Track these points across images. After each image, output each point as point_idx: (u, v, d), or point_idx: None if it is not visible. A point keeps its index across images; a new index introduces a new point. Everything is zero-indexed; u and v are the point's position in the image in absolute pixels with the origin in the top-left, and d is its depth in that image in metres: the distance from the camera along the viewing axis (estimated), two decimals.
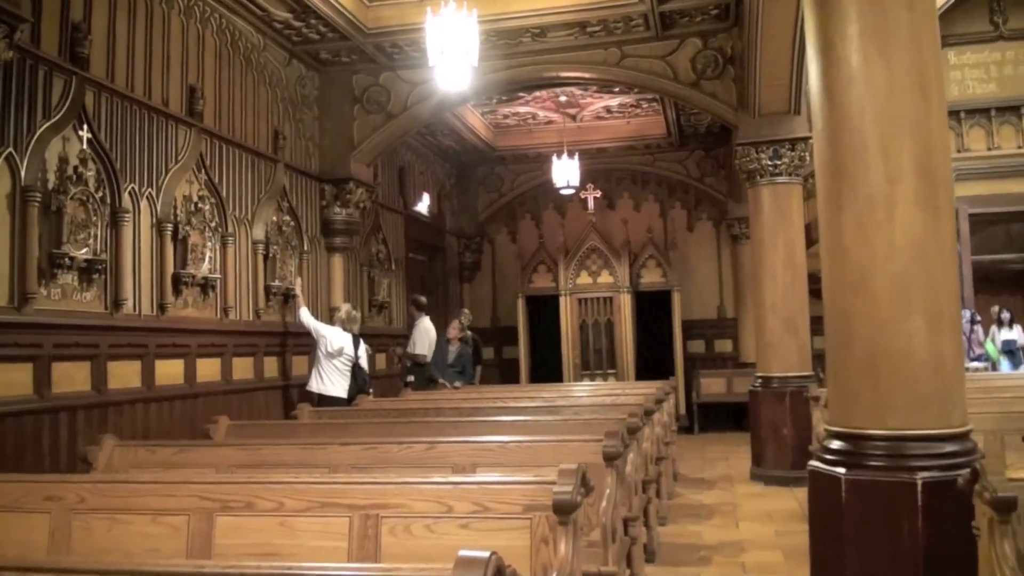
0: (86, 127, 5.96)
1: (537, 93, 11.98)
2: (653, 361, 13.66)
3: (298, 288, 8.69)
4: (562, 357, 13.65)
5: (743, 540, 6.36)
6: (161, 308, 6.79)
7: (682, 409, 12.95)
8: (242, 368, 7.95)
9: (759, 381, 8.91)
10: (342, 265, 9.99)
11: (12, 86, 5.38)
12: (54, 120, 5.69)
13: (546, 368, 13.93)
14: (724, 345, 14.46)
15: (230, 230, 7.78)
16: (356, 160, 9.82)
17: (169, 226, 6.89)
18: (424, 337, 10.76)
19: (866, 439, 3.62)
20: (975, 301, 12.47)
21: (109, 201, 6.19)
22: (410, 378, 10.66)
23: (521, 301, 14.19)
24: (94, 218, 5.94)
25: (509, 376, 14.33)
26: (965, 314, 11.30)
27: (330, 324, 8.71)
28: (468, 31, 6.36)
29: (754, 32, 7.75)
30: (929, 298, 3.59)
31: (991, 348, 12.70)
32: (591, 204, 14.10)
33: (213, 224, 7.50)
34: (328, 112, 9.80)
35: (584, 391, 9.08)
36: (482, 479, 3.14)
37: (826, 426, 3.96)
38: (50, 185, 5.62)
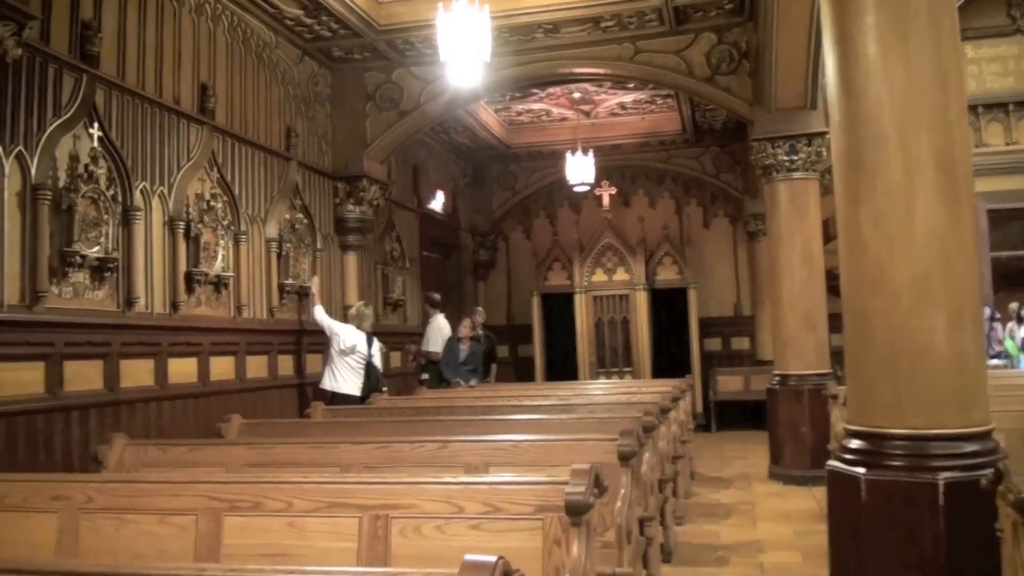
0: (97, 125, 5.94)
1: (551, 90, 11.91)
2: (670, 359, 13.57)
3: (315, 287, 8.66)
4: (577, 355, 13.60)
5: (761, 540, 6.29)
6: (174, 306, 6.77)
7: (699, 407, 12.88)
8: (256, 366, 7.93)
9: (777, 379, 8.83)
10: (356, 263, 9.96)
11: (22, 84, 5.36)
12: (64, 118, 5.67)
13: (561, 366, 13.86)
14: (741, 343, 14.35)
15: (243, 228, 7.75)
16: (369, 158, 9.79)
17: (181, 224, 6.87)
18: (438, 335, 10.75)
19: (886, 438, 3.54)
20: (994, 298, 12.32)
21: (121, 199, 6.17)
22: (425, 376, 10.64)
23: (536, 299, 14.13)
24: (105, 216, 5.92)
25: (524, 374, 14.29)
26: (984, 311, 11.18)
27: (344, 322, 8.68)
28: (480, 27, 6.31)
29: (769, 25, 7.66)
30: (950, 294, 3.51)
31: (1011, 345, 12.55)
32: (606, 201, 14.03)
33: (226, 222, 7.48)
34: (341, 109, 9.77)
35: (599, 389, 9.02)
36: (493, 479, 3.09)
37: (845, 425, 3.89)
38: (61, 183, 5.60)
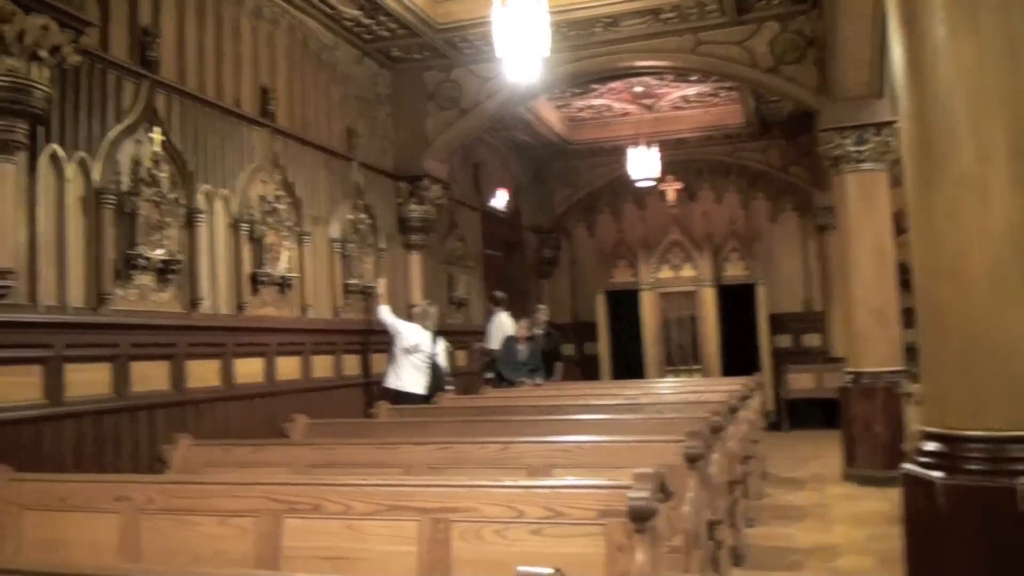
0: (158, 129, 6.00)
1: (612, 84, 11.76)
2: (739, 356, 13.32)
3: (381, 287, 8.67)
4: (644, 353, 13.43)
5: (836, 544, 6.09)
6: (239, 307, 6.83)
7: (770, 405, 12.61)
8: (322, 366, 7.97)
9: (850, 377, 8.57)
10: (420, 262, 9.97)
11: (82, 91, 5.44)
12: (126, 124, 5.75)
13: (628, 364, 13.70)
14: (812, 339, 13.98)
15: (306, 229, 7.79)
16: (430, 157, 9.78)
17: (245, 226, 6.92)
18: (500, 332, 10.72)
19: (962, 440, 3.34)
20: None
21: (184, 202, 6.23)
22: (489, 375, 10.60)
23: (601, 296, 14.02)
24: (169, 219, 5.98)
25: (590, 373, 14.15)
26: None
27: (409, 321, 8.68)
28: (538, 22, 6.22)
29: (834, 11, 7.44)
30: None
31: None
32: (671, 196, 13.82)
33: (289, 223, 7.52)
34: (401, 109, 9.78)
35: (667, 388, 8.88)
36: (554, 483, 3.01)
37: (920, 426, 3.70)
38: (124, 187, 5.66)
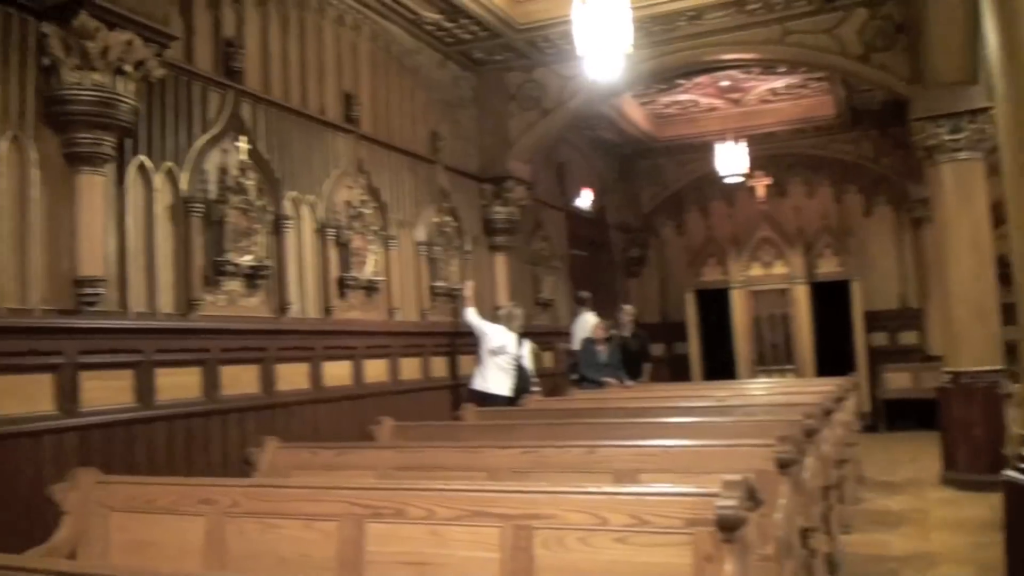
0: (244, 138, 6.11)
1: (697, 79, 11.56)
2: (833, 356, 12.93)
3: (468, 290, 8.68)
4: (736, 353, 13.17)
5: (934, 552, 5.85)
6: (327, 311, 6.92)
7: (866, 406, 12.19)
8: (409, 368, 8.02)
9: (948, 376, 8.23)
10: (505, 263, 9.96)
11: (168, 102, 5.57)
12: (212, 133, 5.87)
13: (719, 364, 13.46)
14: (908, 337, 13.45)
15: (392, 233, 7.85)
16: (514, 158, 9.76)
17: (332, 231, 7.01)
18: (584, 333, 10.59)
19: None
20: None
21: (271, 209, 6.33)
22: (575, 376, 10.50)
23: (690, 295, 13.82)
24: (256, 226, 6.08)
25: (680, 373, 13.93)
26: None
27: (495, 323, 8.67)
28: (619, 19, 6.12)
29: None
30: None
31: None
32: (760, 192, 13.50)
33: (375, 228, 7.58)
34: (484, 111, 9.79)
35: (759, 389, 8.66)
36: (639, 490, 2.92)
37: (1020, 430, 3.49)
38: (211, 196, 5.78)
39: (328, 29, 7.32)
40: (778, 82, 12.01)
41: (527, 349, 8.83)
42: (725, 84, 11.95)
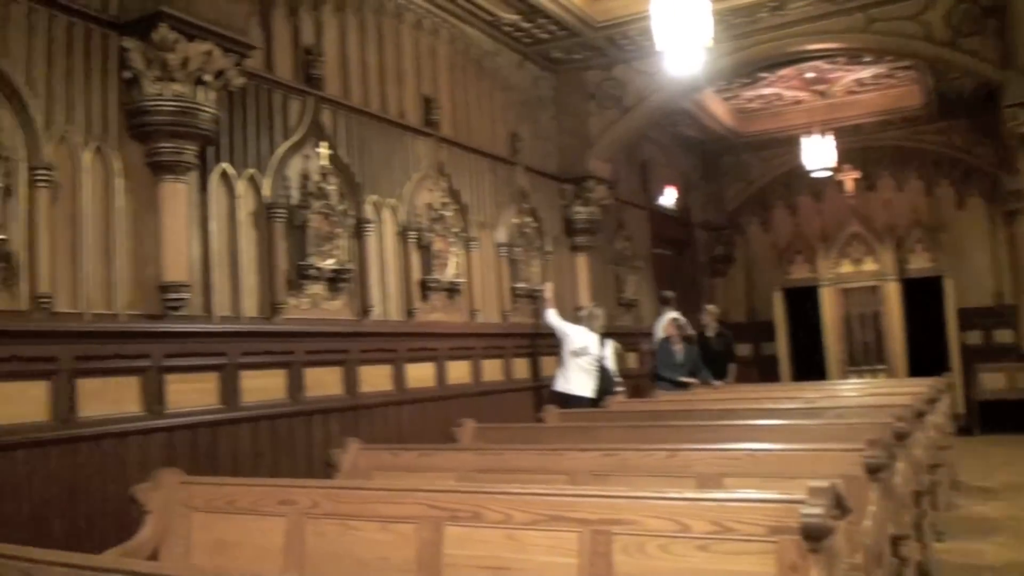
0: (325, 144, 6.19)
1: (781, 72, 11.28)
2: (926, 355, 12.48)
3: (549, 291, 8.65)
4: (825, 352, 12.83)
5: None
6: (409, 313, 6.96)
7: (960, 408, 11.73)
8: (491, 370, 8.02)
9: None
10: (587, 264, 9.89)
11: (248, 111, 5.67)
12: (293, 140, 5.96)
13: (808, 364, 13.13)
14: (1004, 335, 12.81)
15: (473, 234, 7.87)
16: (594, 157, 9.68)
17: (413, 234, 7.05)
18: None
19: None
20: None
21: (352, 213, 6.40)
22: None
23: (778, 294, 13.52)
24: (338, 230, 6.15)
25: (768, 374, 13.63)
26: None
27: (576, 324, 8.61)
28: (699, 12, 6.00)
29: None
30: None
31: None
32: (848, 186, 13.12)
33: (456, 230, 7.60)
34: (563, 110, 9.73)
35: (849, 390, 8.42)
36: (721, 496, 2.83)
37: None
38: (293, 201, 5.87)
39: (406, 34, 7.37)
40: (864, 72, 11.65)
41: (610, 349, 8.74)
42: (810, 76, 11.64)
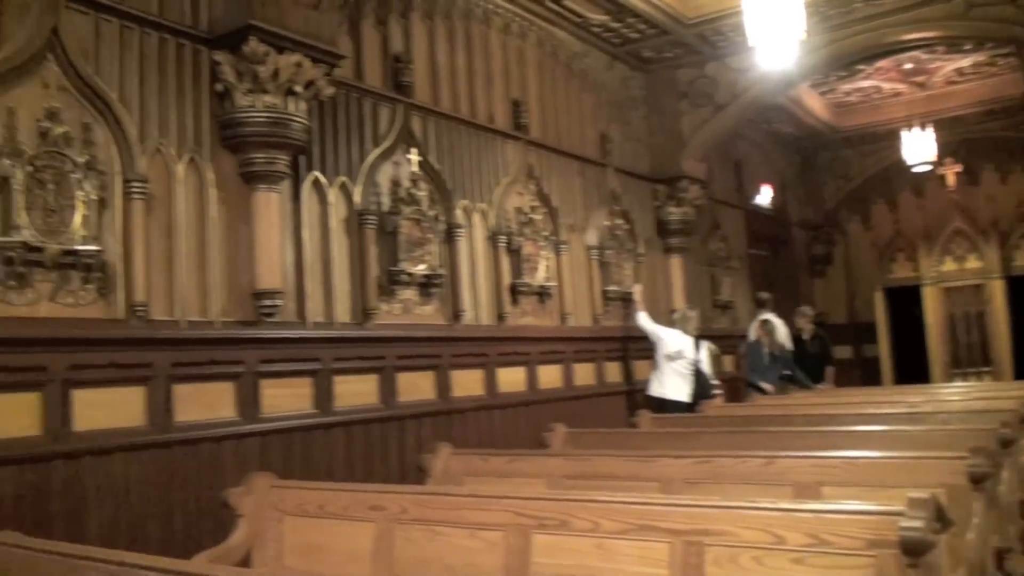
0: (415, 150, 6.25)
1: (879, 64, 10.94)
2: None
3: (637, 294, 8.55)
4: (928, 354, 12.39)
5: None
6: (500, 317, 6.96)
7: None
8: (583, 374, 7.97)
9: None
10: (681, 266, 9.74)
11: (338, 119, 5.76)
12: (383, 147, 6.03)
13: (912, 367, 12.65)
14: None
15: (563, 238, 7.83)
16: (687, 157, 9.53)
17: (503, 238, 7.06)
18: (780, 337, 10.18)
19: None
20: None
21: (443, 218, 6.44)
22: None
23: (879, 294, 13.11)
24: (429, 235, 6.21)
25: (871, 376, 13.22)
26: None
27: (670, 327, 8.48)
28: (792, 5, 5.85)
29: None
30: None
31: None
32: (950, 181, 12.64)
33: (546, 233, 7.58)
34: (655, 110, 9.61)
35: (952, 394, 8.07)
36: (817, 507, 2.73)
37: None
38: (384, 207, 5.95)
39: (495, 38, 7.39)
40: (964, 61, 11.23)
41: (705, 352, 8.58)
42: (908, 67, 11.27)
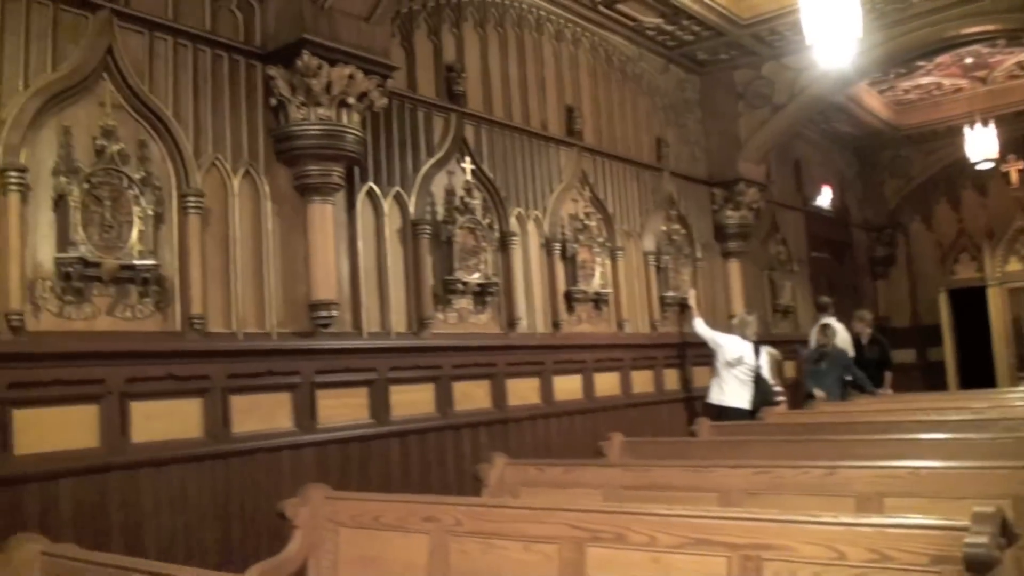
0: (468, 159, 6.27)
1: (939, 59, 10.64)
2: None
3: (692, 299, 8.45)
4: (994, 357, 12.06)
5: None
6: (555, 325, 6.93)
7: None
8: (641, 381, 7.90)
9: None
10: (739, 270, 9.61)
11: (392, 129, 5.79)
12: (437, 157, 6.05)
13: (978, 370, 12.31)
14: None
15: (619, 244, 7.78)
16: (744, 159, 9.41)
17: (557, 245, 7.03)
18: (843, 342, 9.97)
19: None
20: None
21: (497, 226, 6.44)
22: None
23: (943, 295, 12.80)
24: (483, 243, 6.22)
25: (935, 381, 12.89)
26: None
27: (728, 332, 8.36)
28: (849, 2, 5.73)
29: None
30: None
31: None
32: (1014, 178, 12.26)
33: (601, 239, 7.55)
34: (711, 113, 9.51)
35: (1019, 399, 7.80)
36: (878, 520, 2.65)
37: None
38: (438, 217, 5.97)
39: (547, 45, 7.37)
40: None
41: (765, 358, 8.43)
42: (969, 62, 10.93)
